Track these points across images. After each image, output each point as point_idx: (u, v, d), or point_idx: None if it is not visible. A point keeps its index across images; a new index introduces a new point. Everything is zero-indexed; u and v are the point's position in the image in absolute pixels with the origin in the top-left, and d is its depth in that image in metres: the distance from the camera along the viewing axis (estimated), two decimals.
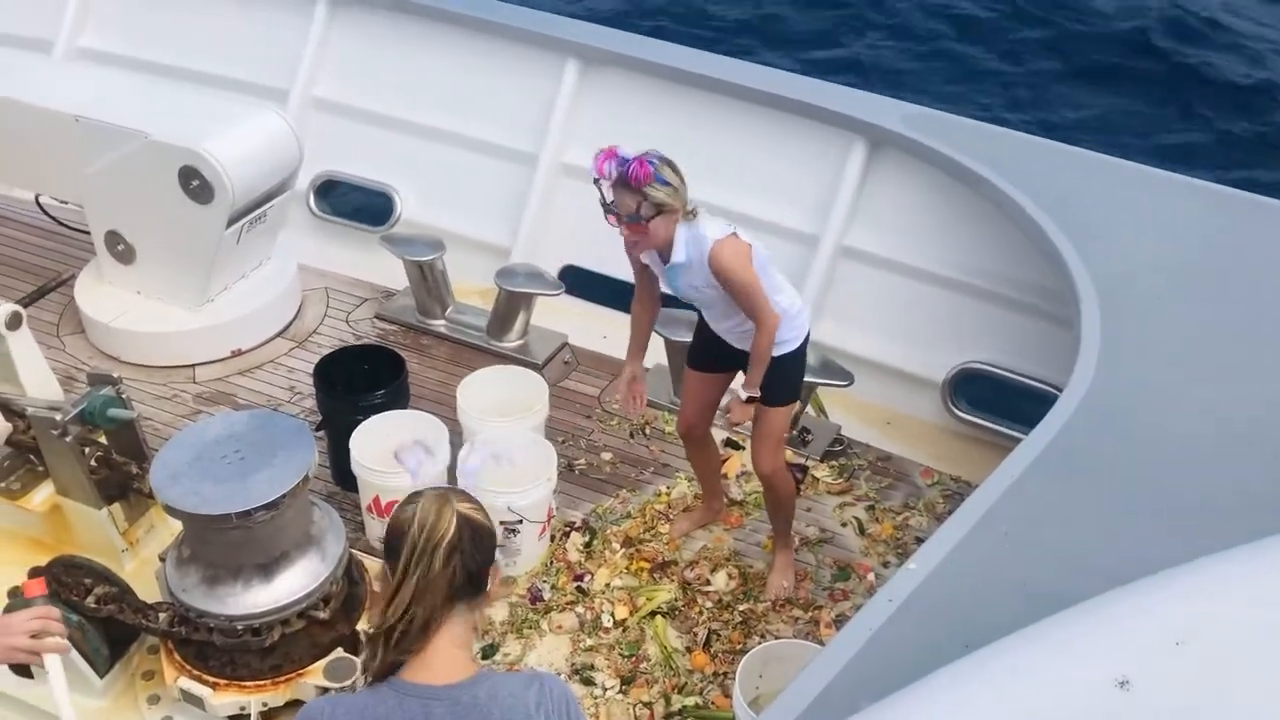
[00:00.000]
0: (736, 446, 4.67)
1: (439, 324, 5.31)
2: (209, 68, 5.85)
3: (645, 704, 3.80)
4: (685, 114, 5.18)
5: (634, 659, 3.93)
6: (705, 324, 3.97)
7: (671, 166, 3.55)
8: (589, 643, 3.97)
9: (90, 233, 5.15)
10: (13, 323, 3.85)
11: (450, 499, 2.17)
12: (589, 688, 3.83)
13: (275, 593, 3.43)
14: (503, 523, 4.03)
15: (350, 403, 4.36)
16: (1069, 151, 4.71)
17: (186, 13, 5.99)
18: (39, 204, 5.55)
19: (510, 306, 5.13)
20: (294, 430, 3.50)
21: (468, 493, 2.26)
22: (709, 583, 4.18)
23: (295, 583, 3.45)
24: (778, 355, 3.76)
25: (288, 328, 5.29)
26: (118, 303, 5.11)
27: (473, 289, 5.44)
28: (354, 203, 6.02)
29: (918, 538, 4.35)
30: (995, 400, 4.97)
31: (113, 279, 5.16)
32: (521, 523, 4.05)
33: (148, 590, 3.65)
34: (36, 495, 4.00)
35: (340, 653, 3.50)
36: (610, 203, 3.55)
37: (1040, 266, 4.26)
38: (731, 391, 3.99)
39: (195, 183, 4.70)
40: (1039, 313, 4.62)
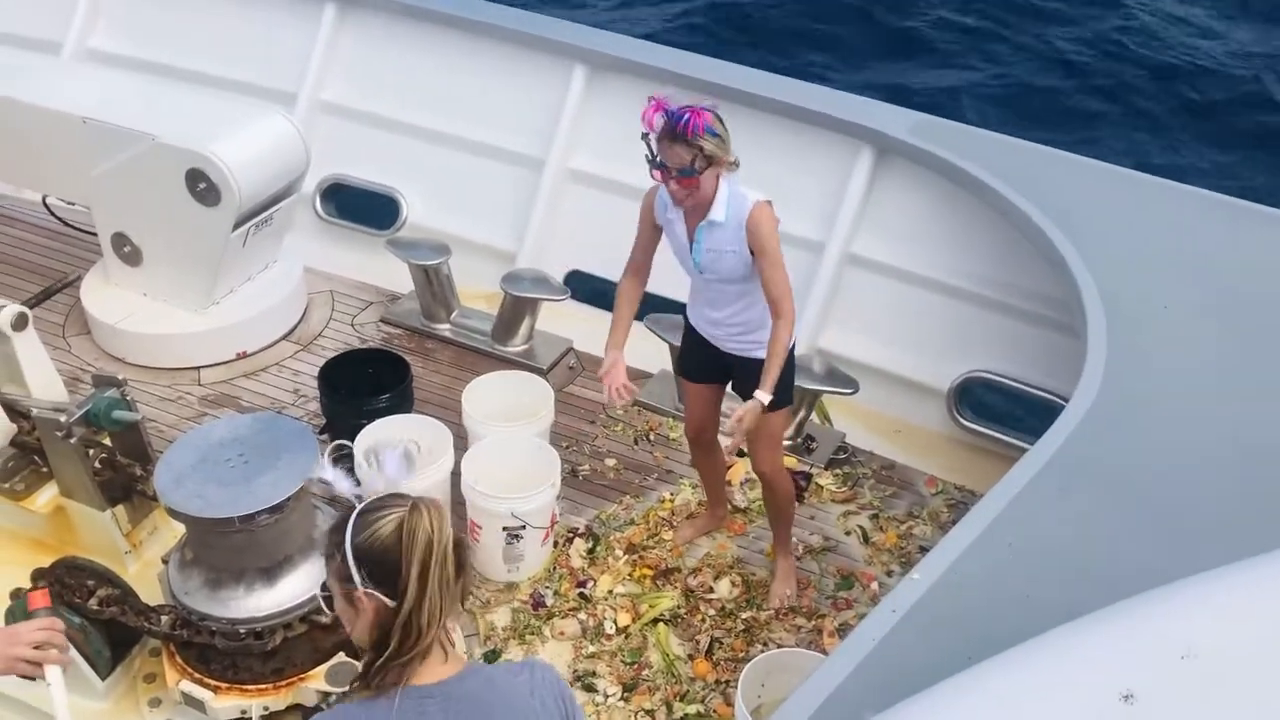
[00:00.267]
0: (740, 453, 4.67)
1: (444, 328, 5.30)
2: (217, 70, 5.87)
3: (647, 711, 3.79)
4: None
5: (636, 666, 3.92)
6: (692, 328, 3.90)
7: (717, 115, 3.46)
8: (591, 649, 3.97)
9: (97, 234, 5.16)
10: (19, 324, 3.86)
11: (419, 505, 2.04)
12: (591, 694, 3.83)
13: (278, 596, 3.43)
14: (506, 528, 4.03)
15: (354, 407, 4.36)
16: (1076, 160, 4.70)
17: (195, 15, 6.01)
18: (46, 205, 5.56)
19: (515, 311, 5.13)
20: (298, 434, 3.51)
21: (404, 495, 2.11)
22: (712, 590, 4.17)
23: (298, 586, 3.45)
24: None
25: (293, 331, 5.29)
26: (124, 304, 5.11)
27: (478, 293, 5.44)
28: (360, 206, 6.02)
29: (922, 547, 4.34)
30: (1001, 410, 4.97)
31: (119, 281, 5.16)
32: (525, 528, 4.04)
33: (150, 593, 3.65)
34: (40, 496, 4.01)
35: (342, 657, 3.50)
36: (657, 158, 3.44)
37: (1047, 276, 4.25)
38: (731, 399, 3.93)
39: (202, 185, 4.70)
40: (1045, 322, 4.61)
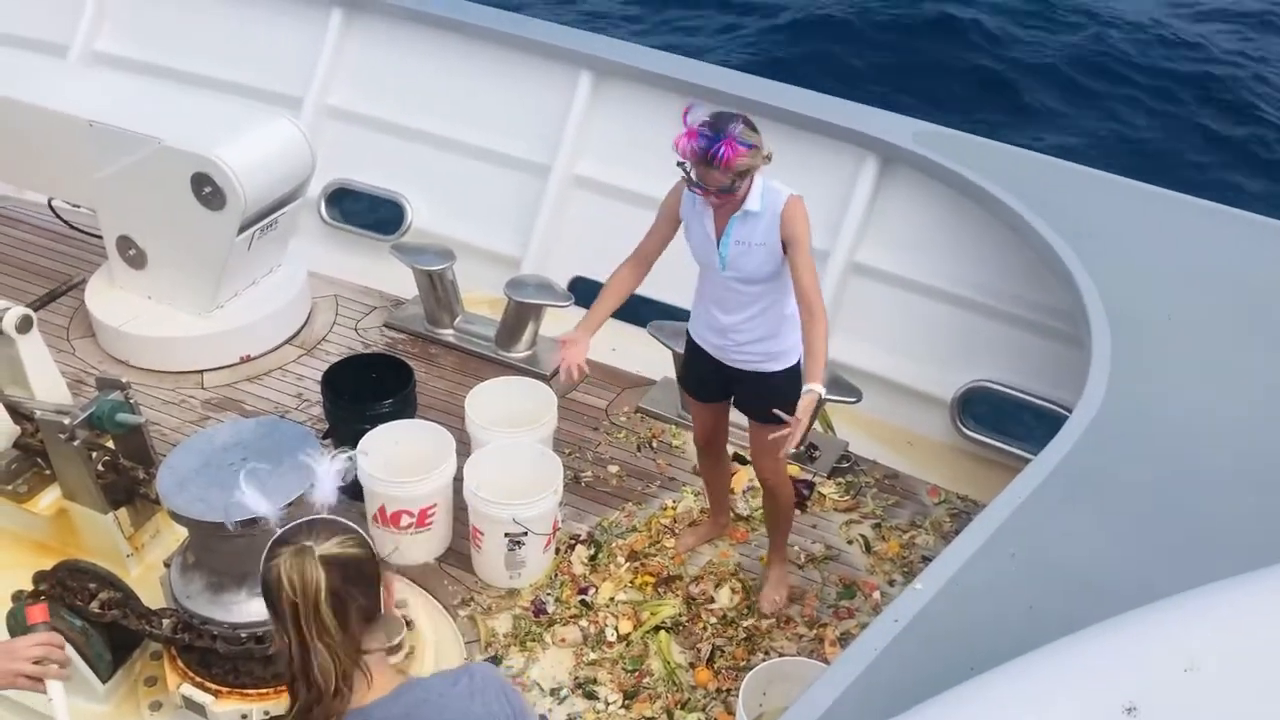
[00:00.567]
0: (743, 461, 4.66)
1: (448, 333, 5.31)
2: (223, 74, 5.88)
3: (648, 719, 3.78)
4: None
5: (637, 674, 3.91)
6: (694, 343, 3.87)
7: (749, 124, 3.44)
8: (592, 656, 3.96)
9: (102, 237, 5.17)
10: (23, 326, 3.87)
11: (307, 549, 2.02)
12: (592, 701, 3.82)
13: None
14: (508, 534, 4.03)
15: (357, 411, 4.35)
16: (1080, 171, 4.70)
17: (201, 18, 6.03)
18: (51, 207, 5.58)
19: (519, 317, 5.13)
20: (301, 438, 3.50)
21: (326, 520, 2.10)
22: (713, 598, 4.16)
23: None
24: (784, 369, 3.74)
25: (297, 335, 5.29)
26: (128, 307, 5.12)
27: (482, 299, 5.44)
28: (365, 211, 6.03)
29: (924, 557, 4.33)
30: (1004, 419, 4.96)
31: (124, 284, 5.17)
32: (527, 535, 4.04)
33: (152, 596, 3.65)
34: (43, 499, 4.02)
35: None
36: (695, 181, 3.43)
37: (1051, 285, 4.25)
38: (758, 417, 3.79)
39: (207, 189, 4.71)
40: (1049, 332, 4.61)
